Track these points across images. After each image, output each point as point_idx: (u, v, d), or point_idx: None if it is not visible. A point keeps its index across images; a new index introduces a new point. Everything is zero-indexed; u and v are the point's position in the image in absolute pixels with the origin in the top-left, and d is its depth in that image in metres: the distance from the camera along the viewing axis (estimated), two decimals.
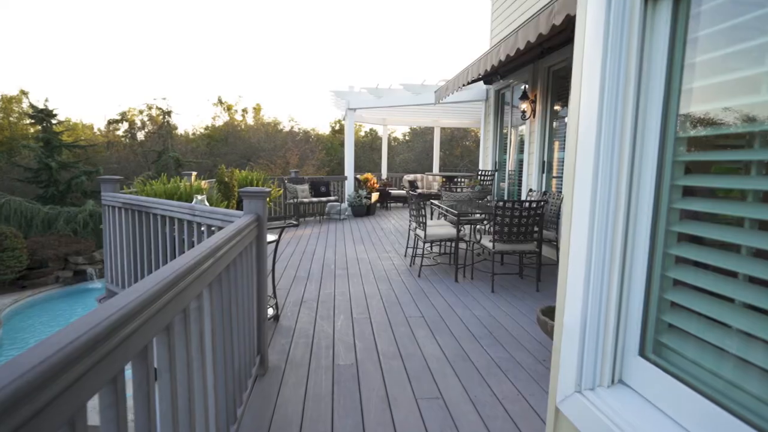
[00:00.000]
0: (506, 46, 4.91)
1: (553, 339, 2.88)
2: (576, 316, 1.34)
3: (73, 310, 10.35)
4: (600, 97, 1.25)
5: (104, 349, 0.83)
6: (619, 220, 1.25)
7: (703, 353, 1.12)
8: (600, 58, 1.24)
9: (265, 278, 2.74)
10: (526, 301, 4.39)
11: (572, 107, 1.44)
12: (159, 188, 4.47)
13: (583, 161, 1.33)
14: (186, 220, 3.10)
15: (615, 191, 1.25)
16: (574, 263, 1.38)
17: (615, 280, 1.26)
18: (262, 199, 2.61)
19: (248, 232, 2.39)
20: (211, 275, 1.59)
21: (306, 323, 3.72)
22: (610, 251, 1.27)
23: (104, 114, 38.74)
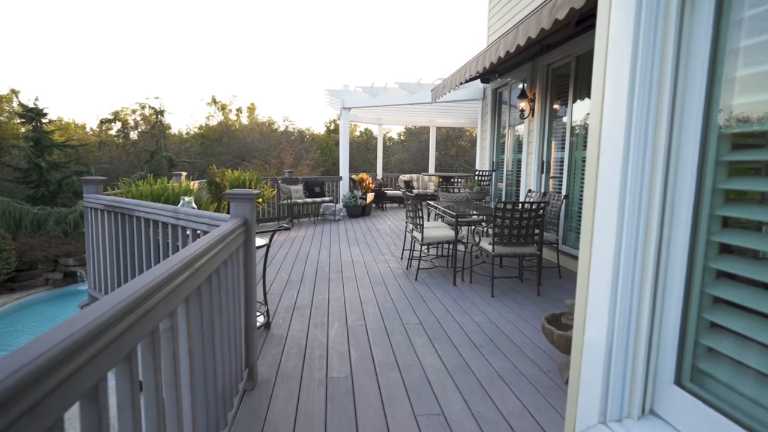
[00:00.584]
0: (506, 42, 4.76)
1: (558, 348, 2.73)
2: (600, 335, 1.18)
3: (62, 314, 10.13)
4: (630, 88, 1.09)
5: (32, 397, 0.66)
6: (652, 228, 1.09)
7: (749, 382, 0.96)
8: (630, 42, 1.08)
9: (254, 286, 2.57)
10: (527, 306, 4.24)
11: (595, 100, 1.28)
12: (146, 189, 4.29)
13: (608, 161, 1.17)
14: (170, 224, 2.92)
15: (647, 195, 1.09)
16: (597, 274, 1.22)
17: (647, 295, 1.11)
18: (250, 202, 2.44)
19: (234, 237, 2.22)
20: (188, 288, 1.42)
21: (298, 331, 3.55)
22: (641, 262, 1.11)
23: (97, 113, 38.31)
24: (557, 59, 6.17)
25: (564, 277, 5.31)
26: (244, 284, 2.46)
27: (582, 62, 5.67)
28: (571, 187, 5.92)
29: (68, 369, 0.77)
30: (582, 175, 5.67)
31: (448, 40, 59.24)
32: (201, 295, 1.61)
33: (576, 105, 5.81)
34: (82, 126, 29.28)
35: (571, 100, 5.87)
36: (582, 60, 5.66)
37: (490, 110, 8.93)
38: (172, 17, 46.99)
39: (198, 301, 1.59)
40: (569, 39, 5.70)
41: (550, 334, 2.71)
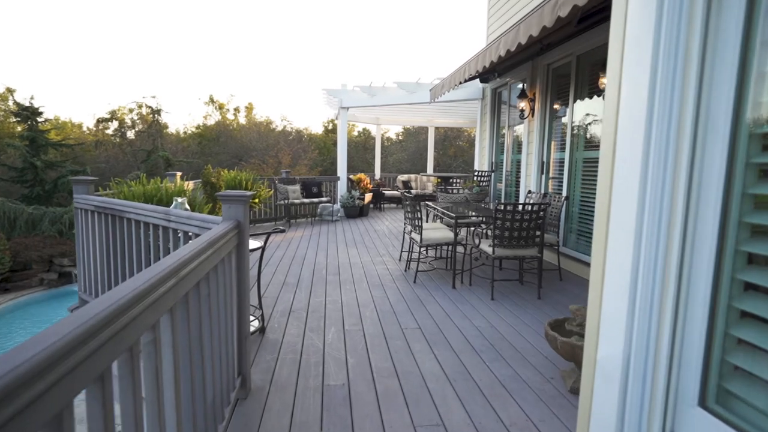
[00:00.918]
0: (506, 41, 4.67)
1: (562, 355, 2.64)
2: (616, 352, 1.09)
3: (56, 314, 10.03)
4: (650, 84, 1.00)
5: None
6: (674, 236, 1.00)
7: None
8: (651, 32, 0.99)
9: (247, 291, 2.47)
10: (528, 309, 4.16)
11: (609, 98, 1.19)
12: (138, 190, 4.18)
13: (625, 163, 1.08)
14: (161, 226, 2.83)
15: (669, 200, 1.00)
16: (612, 285, 1.13)
17: (668, 309, 1.02)
18: (243, 204, 2.34)
19: (227, 241, 2.12)
20: (173, 298, 1.32)
21: (294, 336, 3.46)
22: (662, 273, 1.02)
23: (93, 113, 38.09)
24: (558, 58, 6.09)
25: (565, 279, 5.23)
26: (236, 289, 2.37)
27: (583, 62, 5.59)
28: (571, 188, 5.84)
29: (26, 397, 0.68)
30: (582, 176, 5.59)
31: (447, 39, 59.22)
32: (188, 303, 1.51)
33: (577, 105, 5.73)
34: (78, 125, 29.13)
35: (571, 99, 5.79)
36: (583, 59, 5.58)
37: (490, 110, 8.85)
38: (170, 16, 46.81)
39: (185, 310, 1.50)
40: (570, 38, 5.63)
41: (554, 340, 2.62)
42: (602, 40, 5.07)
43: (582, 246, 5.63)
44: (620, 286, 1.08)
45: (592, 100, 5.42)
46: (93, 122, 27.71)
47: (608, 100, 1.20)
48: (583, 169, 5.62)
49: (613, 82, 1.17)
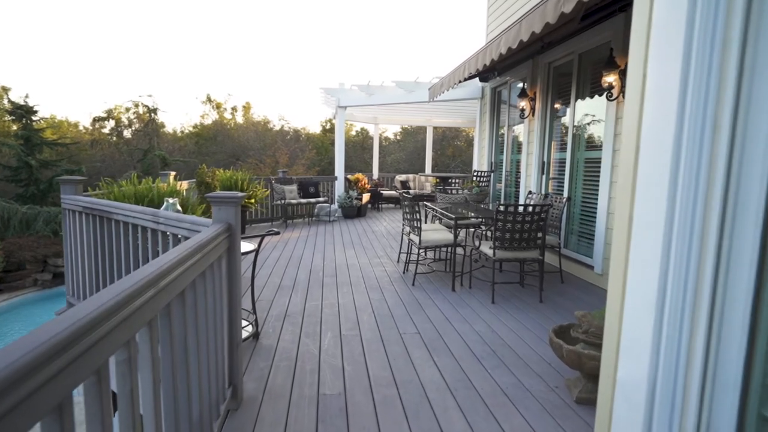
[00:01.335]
0: (508, 38, 4.57)
1: (567, 364, 2.54)
2: (639, 374, 0.99)
3: (49, 316, 9.89)
4: (683, 72, 0.89)
5: None
6: (709, 246, 0.89)
7: None
8: (684, 14, 0.88)
9: (239, 297, 2.36)
10: (529, 313, 4.05)
11: (631, 96, 1.08)
12: (129, 190, 4.06)
13: (651, 163, 0.97)
14: (150, 228, 2.71)
15: (703, 205, 0.89)
16: (635, 300, 1.02)
17: (700, 328, 0.91)
18: (235, 205, 2.23)
19: (216, 245, 2.01)
20: (152, 310, 1.21)
21: (289, 342, 3.34)
22: (694, 288, 0.91)
23: (90, 111, 37.88)
24: (559, 57, 5.99)
25: (566, 282, 5.13)
26: (227, 296, 2.25)
27: (585, 60, 5.49)
28: (572, 188, 5.74)
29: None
30: (584, 176, 5.49)
31: (446, 38, 59.09)
32: (171, 315, 1.40)
33: (578, 104, 5.63)
34: (75, 124, 28.94)
35: (573, 99, 5.69)
36: (585, 58, 5.48)
37: (489, 109, 8.75)
38: (168, 14, 46.60)
39: (167, 321, 1.39)
40: (572, 36, 5.52)
41: (559, 348, 2.51)
42: (605, 38, 4.97)
43: (583, 248, 5.53)
44: (645, 301, 0.97)
45: (594, 100, 5.32)
46: (89, 121, 27.51)
47: (630, 96, 1.09)
48: (585, 169, 5.52)
49: (635, 76, 1.07)
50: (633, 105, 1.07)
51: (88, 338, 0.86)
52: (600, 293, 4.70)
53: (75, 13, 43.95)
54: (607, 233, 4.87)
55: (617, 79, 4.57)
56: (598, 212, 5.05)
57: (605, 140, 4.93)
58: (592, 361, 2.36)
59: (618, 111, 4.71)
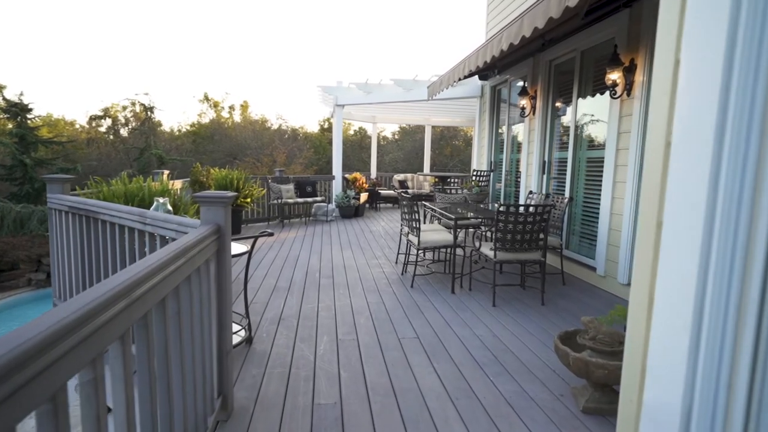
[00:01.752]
0: (509, 34, 4.45)
1: (574, 372, 2.42)
2: (672, 399, 0.87)
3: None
4: (727, 54, 0.77)
5: None
6: (757, 253, 0.78)
7: None
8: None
9: (229, 302, 2.24)
10: (531, 317, 3.94)
11: (660, 81, 0.96)
12: (119, 189, 3.93)
13: (687, 159, 0.85)
14: (137, 229, 2.59)
15: (750, 206, 0.78)
16: (666, 312, 0.90)
17: (745, 348, 0.80)
18: (224, 206, 2.11)
19: (204, 248, 1.89)
20: (124, 323, 1.09)
21: (283, 347, 3.22)
22: (738, 302, 0.80)
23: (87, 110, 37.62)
24: (561, 54, 5.88)
25: (568, 284, 5.02)
26: (216, 301, 2.13)
27: (588, 57, 5.38)
28: (574, 188, 5.63)
29: None
30: (586, 176, 5.39)
31: (445, 36, 58.79)
32: (149, 326, 1.28)
33: (580, 102, 5.52)
34: (72, 122, 28.74)
35: (575, 97, 5.58)
36: (588, 55, 5.37)
37: (489, 108, 8.64)
38: (166, 13, 46.36)
39: (144, 333, 1.27)
40: (574, 33, 5.41)
41: (565, 356, 2.40)
42: (608, 35, 4.86)
43: (585, 249, 5.42)
44: (679, 318, 0.86)
45: (596, 98, 5.22)
46: (86, 119, 27.32)
47: (658, 87, 0.97)
48: (587, 169, 5.41)
49: (664, 63, 0.95)
50: (661, 96, 0.96)
51: (41, 360, 0.74)
52: (603, 296, 4.59)
53: (73, 11, 43.70)
54: (610, 234, 4.76)
55: (621, 77, 4.46)
56: (601, 213, 4.94)
57: (608, 139, 4.82)
58: (601, 369, 2.25)
59: (622, 109, 4.61)
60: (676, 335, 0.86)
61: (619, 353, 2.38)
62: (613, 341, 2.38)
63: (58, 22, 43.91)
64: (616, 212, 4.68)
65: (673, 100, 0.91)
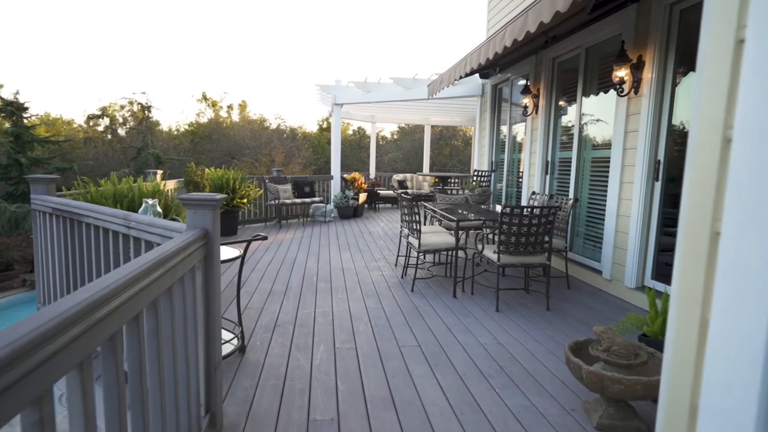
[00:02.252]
0: (513, 30, 4.30)
1: (587, 386, 2.27)
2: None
3: None
4: None
5: None
6: None
7: None
8: None
9: (218, 311, 2.08)
10: (537, 323, 3.79)
11: (715, 64, 0.81)
12: (107, 190, 3.77)
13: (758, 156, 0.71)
14: (121, 233, 2.44)
15: None
16: (727, 339, 0.75)
17: None
18: (212, 209, 1.95)
19: (188, 255, 1.74)
20: (81, 350, 0.93)
21: (278, 356, 3.06)
22: None
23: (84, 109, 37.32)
24: (564, 52, 5.73)
25: (573, 287, 4.87)
26: (203, 312, 1.98)
27: (593, 55, 5.23)
28: (578, 189, 5.48)
29: None
30: (591, 176, 5.24)
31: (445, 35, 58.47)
32: (116, 348, 1.12)
33: (585, 101, 5.37)
34: (70, 121, 28.56)
35: (579, 95, 5.43)
36: (593, 52, 5.23)
37: (490, 107, 8.49)
38: (165, 12, 46.13)
39: (112, 356, 1.11)
40: (579, 29, 5.26)
41: (578, 369, 2.25)
42: (615, 31, 4.71)
43: (589, 251, 5.28)
44: (747, 346, 0.70)
45: (602, 96, 5.07)
46: (83, 119, 27.14)
47: (710, 72, 0.82)
48: (592, 169, 5.26)
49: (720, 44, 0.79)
50: (714, 85, 0.80)
51: None
52: (610, 300, 4.44)
53: (73, 10, 43.47)
54: (617, 236, 4.61)
55: (629, 74, 4.31)
56: (607, 214, 4.79)
57: (615, 138, 4.67)
58: (617, 384, 2.09)
59: (629, 107, 4.46)
60: (744, 371, 0.71)
61: (636, 366, 2.23)
62: (629, 353, 2.23)
63: (59, 21, 43.68)
64: (623, 214, 4.53)
65: (733, 89, 0.76)
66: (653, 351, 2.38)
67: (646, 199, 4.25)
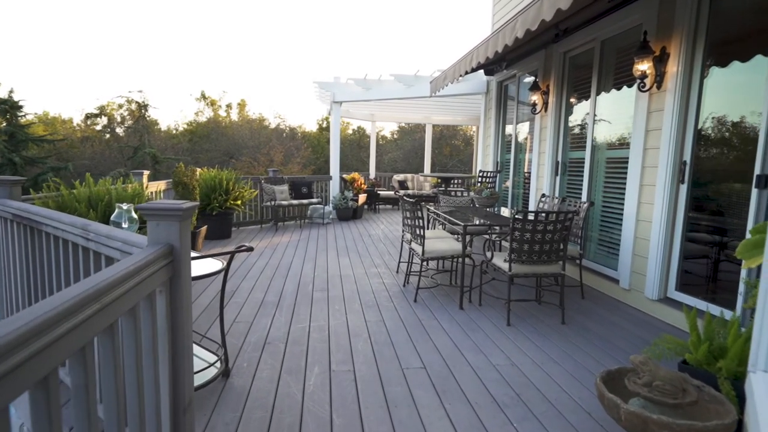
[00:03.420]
0: (525, 19, 3.95)
1: (626, 428, 1.92)
2: None
3: None
4: None
5: None
6: None
7: None
8: None
9: (186, 341, 1.74)
10: (552, 339, 3.45)
11: None
12: (82, 193, 3.42)
13: None
14: (80, 245, 2.10)
15: None
16: None
17: None
18: (178, 220, 1.61)
19: (146, 278, 1.40)
20: None
21: (267, 381, 2.72)
22: None
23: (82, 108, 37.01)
24: (577, 45, 5.39)
25: (587, 297, 4.53)
26: (169, 344, 1.63)
27: (609, 47, 4.89)
28: (592, 191, 5.14)
29: None
30: (606, 178, 4.90)
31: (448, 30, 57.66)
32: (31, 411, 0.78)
33: (600, 97, 5.03)
34: (69, 121, 28.22)
35: (594, 92, 5.09)
36: (609, 45, 4.88)
37: (495, 105, 8.14)
38: (164, 11, 45.74)
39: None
40: (594, 20, 4.92)
41: (614, 408, 1.91)
42: (634, 21, 4.37)
43: (603, 257, 4.94)
44: None
45: (618, 92, 4.73)
46: (81, 118, 26.81)
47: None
48: (607, 170, 4.92)
49: None
50: None
51: None
52: (630, 313, 4.10)
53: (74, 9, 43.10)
54: (636, 243, 4.27)
55: (651, 67, 3.97)
56: (625, 219, 4.45)
57: (634, 137, 4.33)
58: (664, 430, 1.75)
59: (651, 104, 4.12)
60: None
61: (685, 406, 1.89)
62: (676, 389, 1.89)
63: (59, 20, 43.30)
64: (644, 219, 4.19)
65: None
66: (700, 384, 2.04)
67: (670, 204, 3.91)
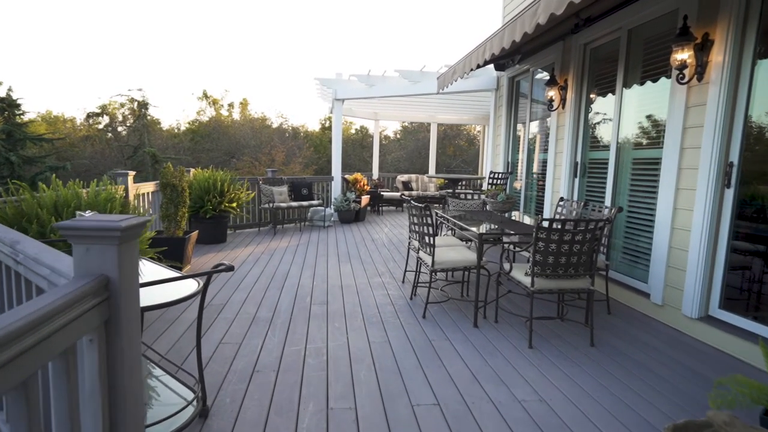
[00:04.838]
0: (548, 3, 3.51)
1: None
2: None
3: None
4: None
5: None
6: None
7: None
8: None
9: (133, 408, 1.31)
10: (582, 365, 3.01)
11: None
12: (47, 197, 3.00)
13: None
14: (12, 268, 1.68)
15: None
16: None
17: None
18: (116, 243, 1.18)
19: (60, 328, 0.98)
20: None
21: (252, 424, 2.29)
22: None
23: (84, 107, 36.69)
24: (599, 36, 4.94)
25: (614, 313, 4.09)
26: (103, 416, 1.20)
27: (637, 37, 4.43)
28: (616, 195, 4.70)
29: None
30: (632, 180, 4.46)
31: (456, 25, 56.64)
32: None
33: (627, 92, 4.58)
34: (71, 119, 27.91)
35: (620, 86, 4.64)
36: (637, 34, 4.43)
37: (506, 102, 7.69)
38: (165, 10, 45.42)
39: None
40: (620, 7, 4.47)
41: None
42: (669, 6, 3.91)
43: (629, 268, 4.49)
44: None
45: (648, 86, 4.28)
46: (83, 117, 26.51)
47: None
48: (633, 172, 4.48)
49: None
50: None
51: None
52: (663, 332, 3.66)
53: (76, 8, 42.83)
54: (671, 254, 3.83)
55: (692, 56, 3.52)
56: (657, 226, 4.00)
57: (668, 136, 3.88)
58: None
59: (689, 98, 3.67)
60: None
61: None
62: None
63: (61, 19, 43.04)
64: (681, 227, 3.74)
65: None
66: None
67: (714, 211, 3.46)
